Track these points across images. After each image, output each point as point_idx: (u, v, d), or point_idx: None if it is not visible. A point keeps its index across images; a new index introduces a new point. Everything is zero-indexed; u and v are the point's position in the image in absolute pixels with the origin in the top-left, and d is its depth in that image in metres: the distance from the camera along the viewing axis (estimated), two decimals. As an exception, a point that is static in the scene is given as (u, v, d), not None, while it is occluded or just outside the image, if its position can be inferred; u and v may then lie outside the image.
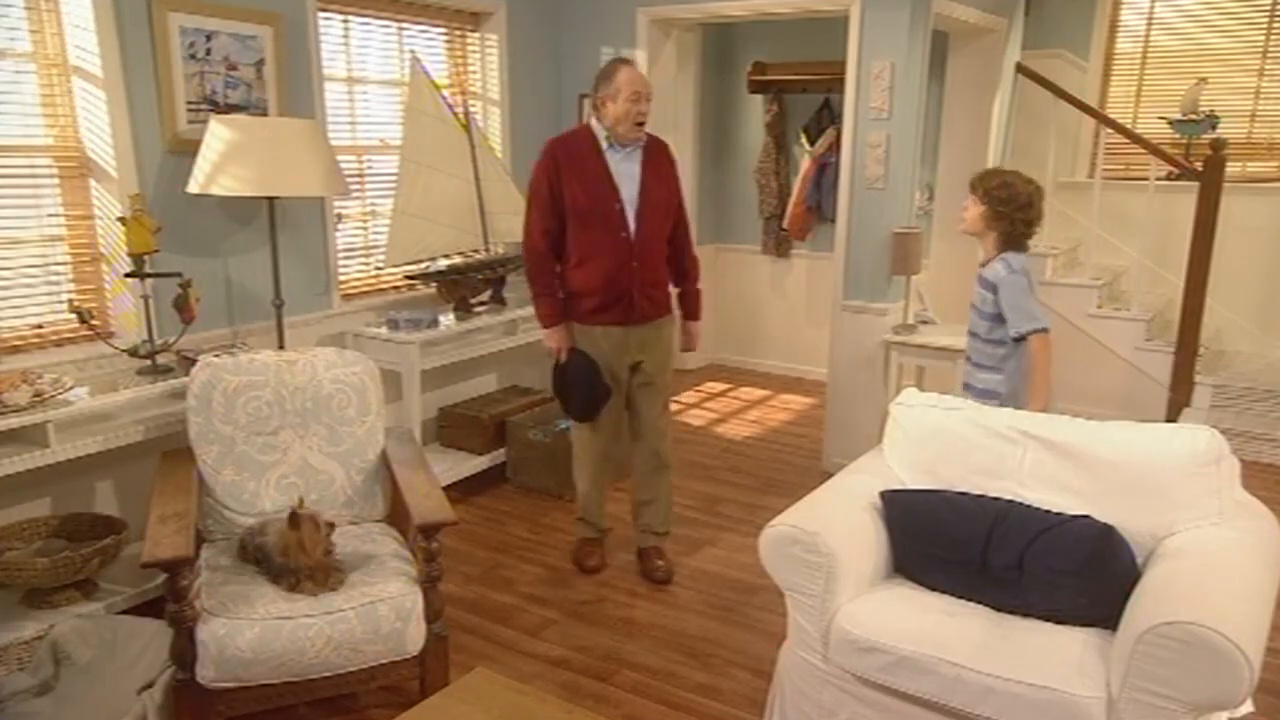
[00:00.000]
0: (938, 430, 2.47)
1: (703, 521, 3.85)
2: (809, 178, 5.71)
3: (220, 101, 3.22)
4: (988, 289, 2.86)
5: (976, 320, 2.92)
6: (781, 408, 5.51)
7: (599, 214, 2.98)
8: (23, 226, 2.92)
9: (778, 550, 2.23)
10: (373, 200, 4.11)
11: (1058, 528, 2.15)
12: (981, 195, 2.85)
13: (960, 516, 2.25)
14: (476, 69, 4.51)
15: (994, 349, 2.89)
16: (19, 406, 2.49)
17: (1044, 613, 2.12)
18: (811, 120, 5.71)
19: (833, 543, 2.17)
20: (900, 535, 2.32)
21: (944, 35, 4.89)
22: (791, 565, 2.21)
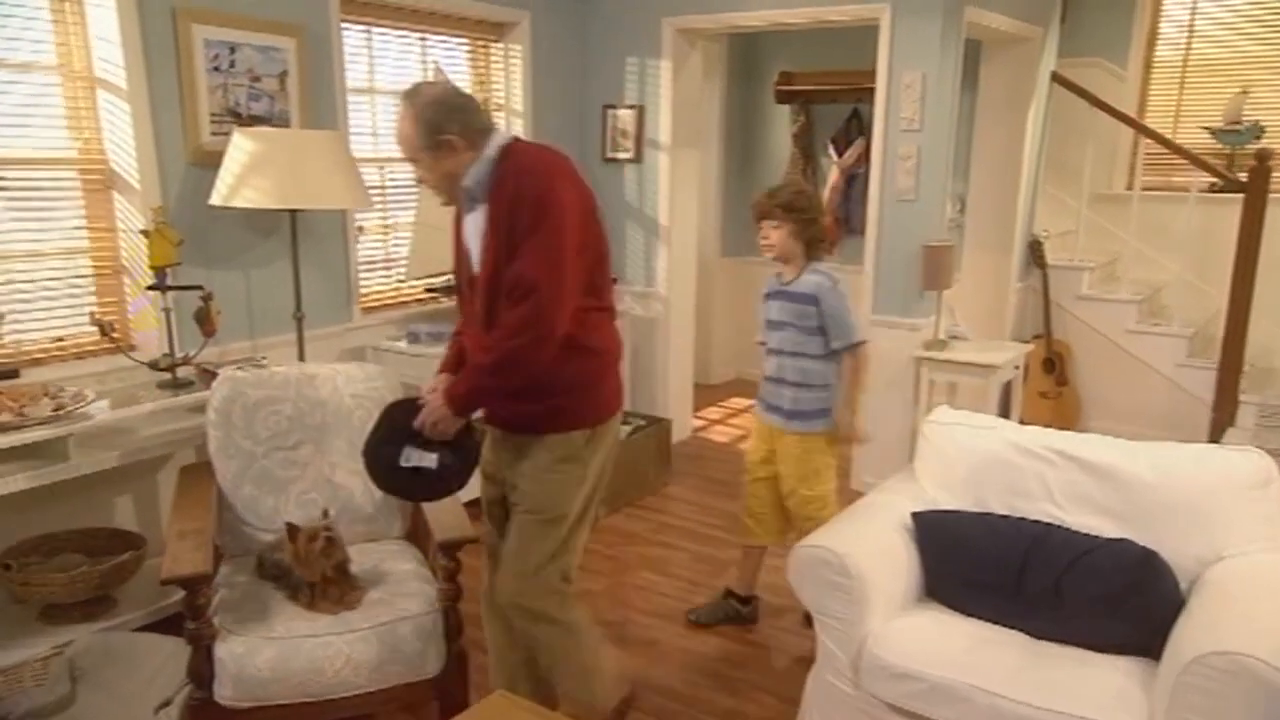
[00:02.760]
0: (971, 449, 2.45)
1: (728, 541, 3.82)
2: (837, 190, 5.70)
3: (243, 113, 3.27)
4: (807, 303, 2.83)
5: (800, 339, 2.86)
6: None
7: (462, 284, 2.23)
8: (46, 239, 2.97)
9: (806, 572, 2.21)
10: (394, 212, 4.15)
11: (1097, 552, 2.12)
12: (783, 215, 2.81)
13: (995, 539, 2.23)
14: (499, 80, 4.55)
15: (825, 365, 2.87)
16: (40, 420, 2.53)
17: (1082, 640, 2.09)
18: (840, 131, 5.70)
19: (863, 564, 2.16)
20: (932, 558, 2.30)
21: (976, 44, 4.88)
22: (820, 587, 2.20)
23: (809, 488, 2.96)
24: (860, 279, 4.44)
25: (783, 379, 2.91)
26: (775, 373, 2.94)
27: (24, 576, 2.71)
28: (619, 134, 4.80)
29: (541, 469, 2.13)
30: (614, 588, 3.45)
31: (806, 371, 2.88)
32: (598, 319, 2.12)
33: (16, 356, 2.91)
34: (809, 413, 2.90)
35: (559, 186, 1.98)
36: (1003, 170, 4.95)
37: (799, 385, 2.89)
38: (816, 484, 2.96)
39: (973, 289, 5.10)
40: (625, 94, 4.75)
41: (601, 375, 2.14)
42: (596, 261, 2.10)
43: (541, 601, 2.18)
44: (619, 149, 4.82)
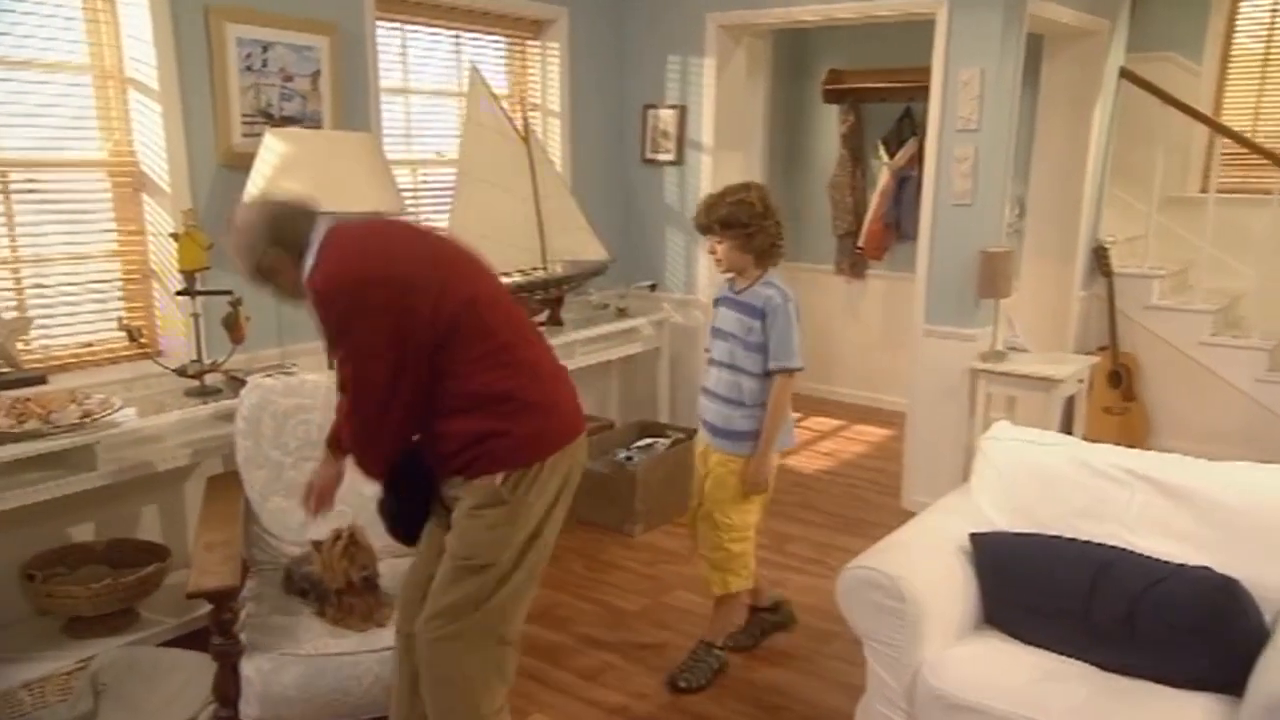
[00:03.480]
0: (1034, 467, 2.40)
1: (770, 561, 3.79)
2: (888, 193, 5.66)
3: (275, 114, 3.32)
4: (753, 316, 2.74)
5: (740, 353, 2.76)
6: (856, 439, 5.43)
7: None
8: (76, 242, 3.04)
9: (856, 595, 2.18)
10: (427, 216, 4.19)
11: (1172, 579, 2.06)
12: (720, 230, 2.71)
13: (1060, 563, 2.18)
14: (536, 79, 4.58)
15: (757, 384, 2.76)
16: (67, 427, 2.58)
17: (1156, 673, 2.03)
18: (891, 132, 5.66)
19: (917, 588, 2.12)
20: (992, 582, 2.25)
21: (1038, 39, 4.81)
22: (871, 611, 2.16)
23: (725, 514, 2.85)
24: (911, 286, 4.40)
25: (719, 394, 2.83)
26: (713, 386, 2.85)
27: (48, 588, 2.76)
28: (659, 135, 4.81)
29: (462, 514, 2.04)
30: (652, 608, 3.43)
31: (742, 389, 2.77)
32: (499, 359, 2.00)
33: (45, 362, 2.97)
34: (740, 433, 2.79)
35: (356, 283, 1.92)
36: (1066, 172, 4.87)
37: (732, 402, 2.79)
38: (734, 511, 2.85)
39: (1032, 298, 5.01)
40: (666, 93, 4.76)
41: (518, 416, 2.00)
42: (467, 307, 1.98)
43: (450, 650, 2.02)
44: (659, 150, 4.82)
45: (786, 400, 2.79)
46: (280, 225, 2.02)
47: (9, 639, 2.77)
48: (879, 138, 5.71)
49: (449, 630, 2.00)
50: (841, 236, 5.99)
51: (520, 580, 2.04)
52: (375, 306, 1.89)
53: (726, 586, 2.91)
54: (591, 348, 4.30)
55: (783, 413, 2.79)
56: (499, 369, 2.00)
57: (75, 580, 2.84)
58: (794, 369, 2.75)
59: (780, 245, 2.80)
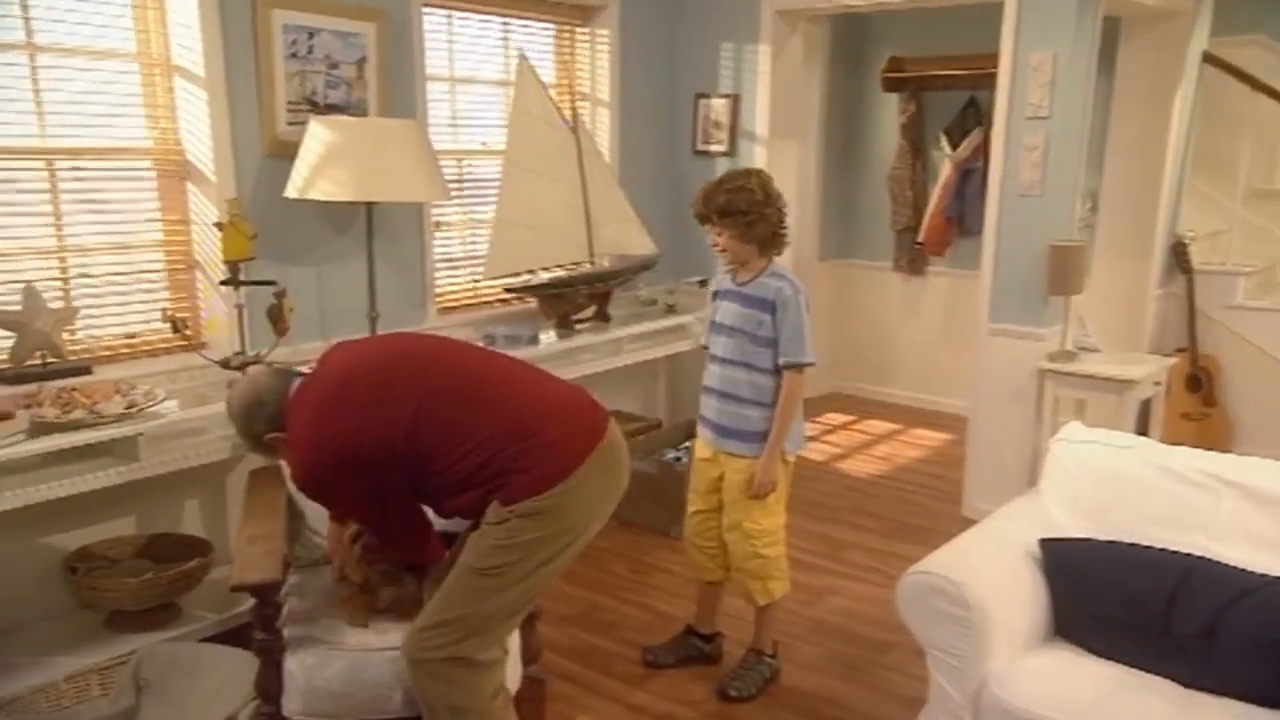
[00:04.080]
0: (1109, 471, 2.35)
1: (824, 568, 3.77)
2: (950, 186, 5.60)
3: (320, 102, 3.38)
4: (763, 309, 2.71)
5: (751, 349, 2.73)
6: (913, 443, 5.39)
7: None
8: (121, 232, 3.11)
9: (918, 601, 2.15)
10: (472, 207, 4.23)
11: (1262, 591, 2.00)
12: (719, 219, 2.68)
13: (1137, 572, 2.13)
14: (585, 68, 4.60)
15: (771, 380, 2.73)
16: (112, 418, 2.64)
17: (1242, 691, 1.98)
18: (954, 121, 5.60)
19: (983, 595, 2.09)
20: (1063, 591, 2.21)
21: (1115, 21, 4.71)
22: (934, 619, 2.13)
23: (754, 520, 2.81)
24: (973, 284, 4.34)
25: (728, 393, 2.78)
26: (720, 384, 2.80)
27: (91, 581, 2.83)
28: (712, 125, 4.80)
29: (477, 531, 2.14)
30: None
31: (757, 386, 2.74)
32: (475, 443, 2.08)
33: (90, 353, 3.04)
34: (754, 433, 2.76)
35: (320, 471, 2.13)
36: (1143, 163, 4.77)
37: (747, 401, 2.76)
38: (763, 516, 2.81)
39: (1104, 296, 4.91)
40: (719, 82, 4.75)
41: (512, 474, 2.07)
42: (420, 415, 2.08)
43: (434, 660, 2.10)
44: (711, 141, 4.81)
45: (798, 398, 2.76)
46: (269, 405, 2.24)
47: (52, 632, 2.85)
48: (941, 128, 5.66)
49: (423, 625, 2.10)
50: (900, 232, 5.94)
51: (515, 596, 2.11)
52: (343, 479, 2.12)
53: (770, 595, 2.89)
54: (639, 345, 4.30)
55: (794, 411, 2.76)
56: (479, 450, 2.08)
57: (117, 574, 2.90)
58: (806, 364, 2.72)
59: (784, 233, 2.77)
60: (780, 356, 2.72)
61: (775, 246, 2.77)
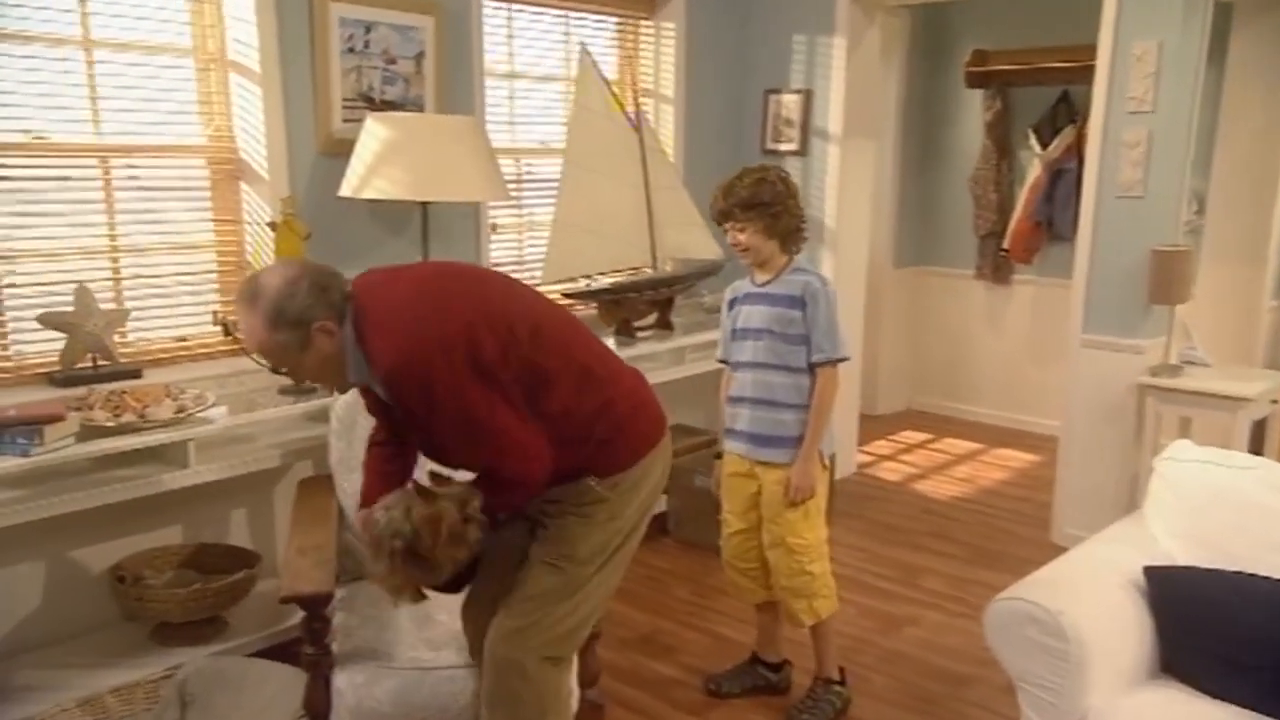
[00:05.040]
0: (1223, 493, 2.27)
1: (900, 595, 3.74)
2: (1039, 187, 5.53)
3: (376, 98, 3.43)
4: (792, 306, 2.72)
5: (785, 349, 2.74)
6: (996, 464, 5.33)
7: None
8: (173, 232, 3.19)
9: (1009, 630, 2.11)
10: (530, 209, 4.26)
11: (1397, 628, 1.91)
12: (741, 213, 2.70)
13: (1256, 605, 2.05)
14: (649, 62, 4.62)
15: (804, 380, 2.75)
16: (162, 422, 2.70)
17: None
18: (1044, 118, 5.53)
19: (1081, 625, 2.03)
20: (1172, 624, 2.14)
21: (1227, 7, 4.60)
22: (1027, 650, 2.08)
23: (798, 534, 2.79)
24: (1064, 292, 4.26)
25: (763, 399, 2.78)
26: (753, 391, 2.80)
27: (138, 592, 2.89)
28: (782, 122, 4.78)
29: (557, 514, 2.12)
30: (768, 642, 3.38)
31: (797, 388, 2.75)
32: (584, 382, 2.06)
33: (140, 356, 3.12)
34: (793, 438, 2.76)
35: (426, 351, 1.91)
36: (1257, 162, 4.65)
37: (784, 405, 2.76)
38: (806, 529, 2.80)
39: (1212, 306, 4.79)
40: (791, 77, 4.73)
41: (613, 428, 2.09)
42: (532, 336, 2.00)
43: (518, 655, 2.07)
44: (781, 139, 4.79)
45: (834, 396, 2.77)
46: (326, 284, 2.00)
47: (97, 643, 2.91)
48: (1030, 125, 5.59)
49: (521, 624, 2.05)
50: (984, 237, 5.89)
51: (596, 587, 2.12)
52: (453, 371, 1.89)
53: (817, 614, 2.86)
54: (702, 354, 4.28)
55: (830, 410, 2.78)
56: (587, 391, 2.06)
57: (164, 584, 2.96)
58: (841, 360, 2.75)
59: (805, 229, 2.80)
60: (813, 353, 2.73)
61: (796, 242, 2.80)
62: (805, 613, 2.85)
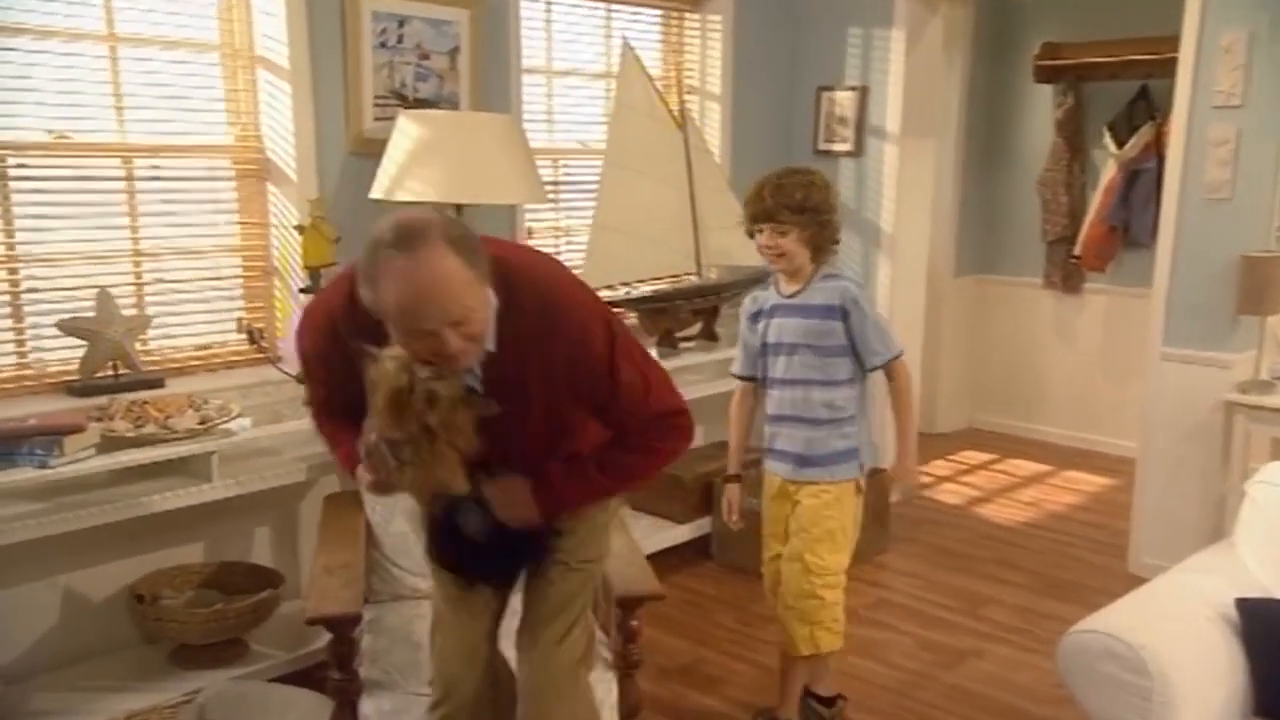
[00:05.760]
0: (1323, 521, 2.21)
1: (962, 626, 3.69)
2: (1114, 189, 5.47)
3: (409, 95, 3.47)
4: (831, 316, 2.72)
5: (820, 362, 2.74)
6: (1066, 488, 5.27)
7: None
8: (197, 235, 3.24)
9: (1085, 666, 2.07)
10: (567, 212, 4.27)
11: None
12: (790, 216, 2.65)
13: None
14: (694, 58, 4.63)
15: (851, 390, 2.77)
16: (185, 433, 2.73)
17: None
18: (1120, 115, 5.47)
19: (1166, 661, 1.99)
20: (1269, 662, 2.09)
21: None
22: (1105, 688, 2.04)
23: (818, 554, 2.77)
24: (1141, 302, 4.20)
25: (802, 416, 2.77)
26: (791, 409, 2.79)
27: (157, 612, 2.92)
28: (835, 121, 4.76)
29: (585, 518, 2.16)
30: (820, 675, 3.35)
31: (833, 404, 2.75)
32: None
33: (162, 364, 3.17)
34: (833, 455, 2.77)
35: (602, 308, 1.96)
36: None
37: (821, 422, 2.76)
38: (828, 551, 2.78)
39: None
40: (845, 73, 4.71)
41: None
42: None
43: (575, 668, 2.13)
44: (835, 139, 4.77)
45: (910, 385, 2.84)
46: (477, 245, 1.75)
47: (114, 665, 2.95)
48: (1104, 123, 5.52)
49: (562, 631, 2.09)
50: (1053, 243, 5.83)
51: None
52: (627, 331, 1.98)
53: (817, 645, 2.81)
54: (751, 367, 4.26)
55: (914, 402, 2.89)
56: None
57: (184, 605, 2.99)
58: (898, 355, 2.78)
59: (838, 240, 2.81)
60: (870, 359, 2.75)
61: (829, 255, 2.79)
62: (805, 641, 2.80)
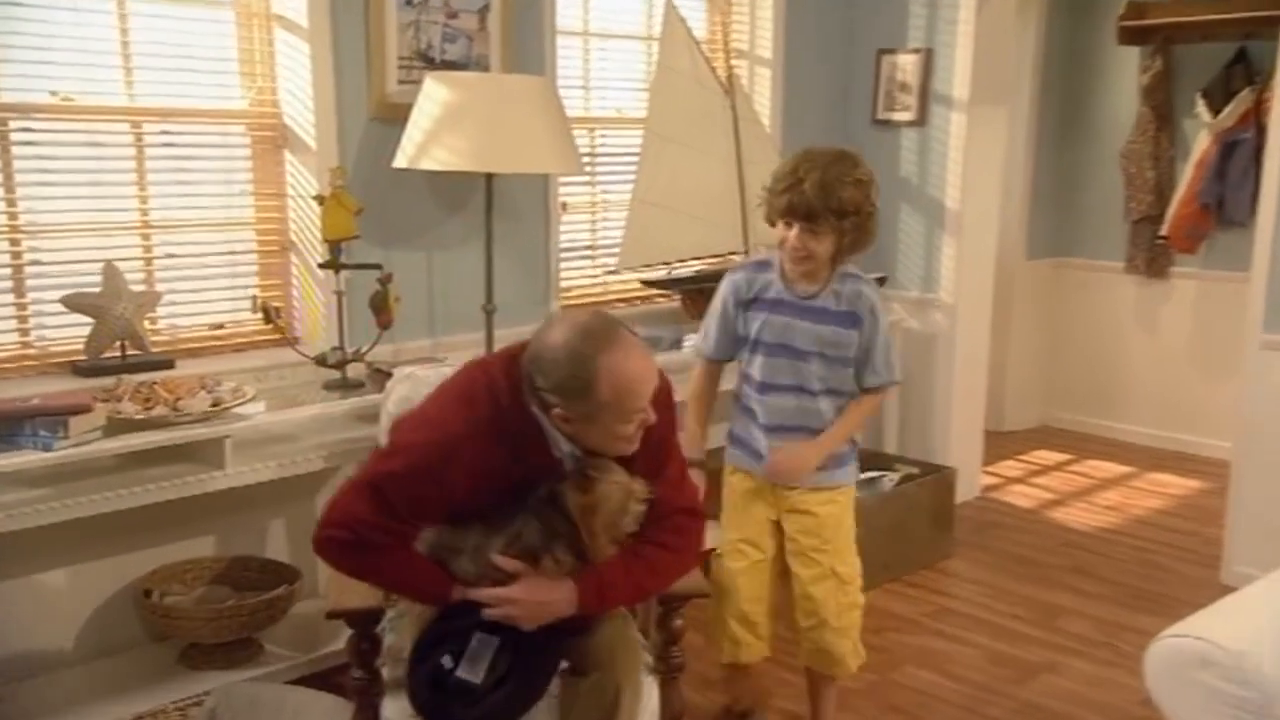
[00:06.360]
0: None
1: (1036, 639, 3.69)
2: (1207, 163, 5.42)
3: (436, 58, 3.49)
4: (847, 324, 2.70)
5: (831, 373, 2.74)
6: (1151, 491, 5.26)
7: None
8: (209, 206, 3.28)
9: (1177, 674, 2.04)
10: (604, 187, 4.29)
11: None
12: (834, 219, 2.57)
13: None
14: (743, 20, 4.63)
15: (845, 404, 2.78)
16: (196, 416, 2.77)
17: None
18: (1215, 81, 5.43)
19: (1268, 670, 1.96)
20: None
21: None
22: (1199, 700, 2.02)
23: (847, 563, 2.83)
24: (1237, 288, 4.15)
25: (805, 425, 2.76)
26: (791, 419, 2.77)
27: (165, 608, 2.97)
28: (897, 88, 4.75)
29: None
30: (879, 687, 3.37)
31: (838, 411, 2.78)
32: None
33: (172, 345, 3.22)
34: (838, 459, 2.82)
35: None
36: None
37: (824, 430, 2.78)
38: (852, 557, 2.86)
39: None
40: (908, 35, 4.70)
41: None
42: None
43: None
44: (896, 107, 4.77)
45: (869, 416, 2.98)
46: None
47: (120, 665, 3.01)
48: (1198, 90, 5.48)
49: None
50: (1137, 222, 5.79)
51: None
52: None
53: (860, 656, 2.91)
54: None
55: (861, 428, 2.98)
56: None
57: (194, 601, 3.04)
58: (895, 383, 2.86)
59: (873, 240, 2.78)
60: (868, 378, 2.76)
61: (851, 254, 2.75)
62: (853, 655, 2.88)
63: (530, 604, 2.07)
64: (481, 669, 2.05)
